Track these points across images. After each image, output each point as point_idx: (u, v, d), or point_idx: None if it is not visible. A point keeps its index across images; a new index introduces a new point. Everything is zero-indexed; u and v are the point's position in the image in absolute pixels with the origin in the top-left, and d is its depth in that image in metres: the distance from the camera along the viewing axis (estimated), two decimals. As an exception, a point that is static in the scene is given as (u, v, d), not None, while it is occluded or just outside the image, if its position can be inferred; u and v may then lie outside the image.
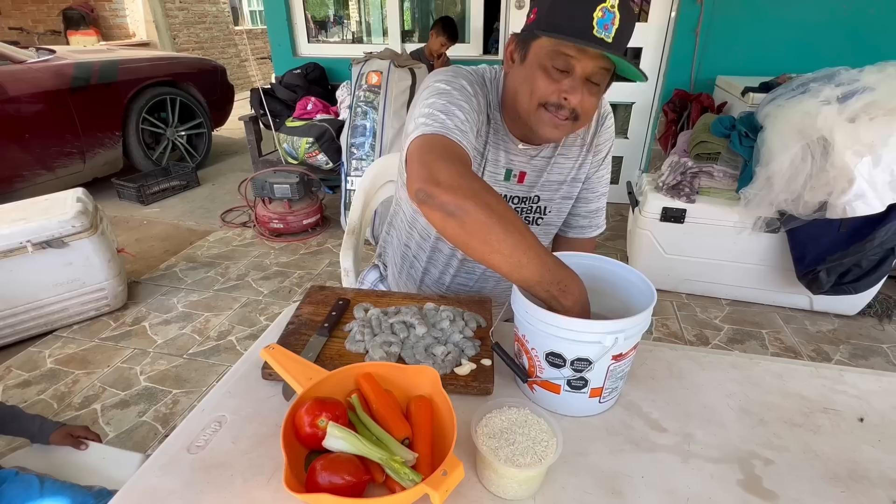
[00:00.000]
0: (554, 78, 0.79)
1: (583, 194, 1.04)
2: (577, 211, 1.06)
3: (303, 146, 3.16)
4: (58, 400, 1.76)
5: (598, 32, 0.73)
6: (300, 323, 0.89)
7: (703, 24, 2.82)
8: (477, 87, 0.89)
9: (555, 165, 0.99)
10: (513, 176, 0.98)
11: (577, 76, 0.78)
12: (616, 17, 0.73)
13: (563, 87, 0.79)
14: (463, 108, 0.82)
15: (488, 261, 0.69)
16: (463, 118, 0.80)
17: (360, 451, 0.55)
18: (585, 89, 0.80)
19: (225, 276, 2.59)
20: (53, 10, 6.42)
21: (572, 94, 0.79)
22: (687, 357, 0.86)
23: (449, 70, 0.90)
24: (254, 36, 8.51)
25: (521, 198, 1.00)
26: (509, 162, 0.96)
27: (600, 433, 0.70)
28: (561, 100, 0.80)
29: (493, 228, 0.66)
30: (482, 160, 0.94)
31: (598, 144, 1.00)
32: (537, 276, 0.68)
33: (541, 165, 0.98)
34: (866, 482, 0.64)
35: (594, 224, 1.08)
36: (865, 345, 2.06)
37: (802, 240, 2.03)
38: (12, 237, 1.91)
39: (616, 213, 3.32)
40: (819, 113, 1.83)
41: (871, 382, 0.81)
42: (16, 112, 2.98)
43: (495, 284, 1.09)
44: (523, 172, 0.98)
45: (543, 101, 0.81)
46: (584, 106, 0.81)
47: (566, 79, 0.79)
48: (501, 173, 0.97)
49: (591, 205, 1.06)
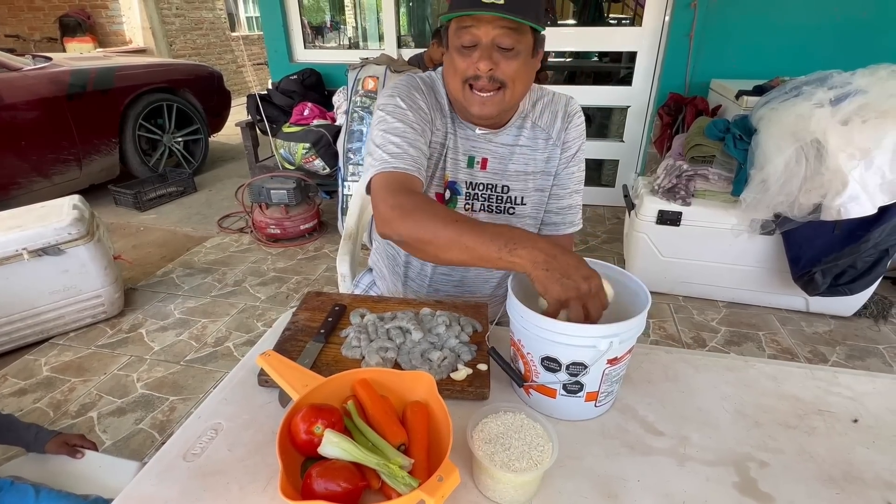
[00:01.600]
0: (466, 54, 0.85)
1: (553, 190, 1.05)
2: (549, 207, 1.07)
3: (299, 151, 3.17)
4: (54, 408, 1.75)
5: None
6: (296, 329, 0.89)
7: (696, 28, 2.84)
8: (423, 90, 0.95)
9: (518, 155, 1.00)
10: (475, 163, 1.00)
11: (484, 45, 0.82)
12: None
13: (474, 58, 0.83)
14: (402, 131, 0.89)
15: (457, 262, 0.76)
16: (400, 141, 0.88)
17: (356, 457, 0.55)
18: (497, 55, 0.83)
19: (222, 282, 2.58)
20: (50, 18, 6.43)
21: (483, 61, 0.82)
22: (682, 360, 0.87)
23: (391, 89, 0.96)
24: (250, 42, 8.53)
25: (487, 185, 1.02)
26: (470, 149, 0.99)
27: (596, 437, 0.71)
28: (476, 71, 0.84)
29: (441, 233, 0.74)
30: (443, 150, 0.98)
31: (566, 141, 1.01)
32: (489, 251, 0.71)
33: (502, 153, 1.00)
34: (861, 483, 0.64)
35: (567, 221, 1.07)
36: (861, 346, 2.07)
37: (797, 242, 2.04)
38: (8, 244, 1.90)
39: (612, 215, 3.34)
40: (812, 116, 1.84)
41: (866, 384, 0.82)
42: (12, 119, 2.98)
43: (477, 274, 1.11)
44: (485, 159, 1.00)
45: (464, 78, 0.86)
46: (503, 71, 0.84)
47: (475, 51, 0.83)
48: (464, 160, 1.00)
49: (563, 201, 1.06)
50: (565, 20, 5.07)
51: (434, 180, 1.00)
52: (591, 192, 3.51)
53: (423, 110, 0.93)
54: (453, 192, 1.02)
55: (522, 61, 0.85)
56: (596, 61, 4.50)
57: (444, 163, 0.99)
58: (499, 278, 1.13)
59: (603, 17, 4.66)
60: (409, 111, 0.91)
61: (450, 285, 1.12)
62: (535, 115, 1.00)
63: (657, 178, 2.32)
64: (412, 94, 0.94)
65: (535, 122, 1.00)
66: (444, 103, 0.98)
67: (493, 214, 1.04)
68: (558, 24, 4.34)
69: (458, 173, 1.00)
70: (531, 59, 0.88)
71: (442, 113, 0.97)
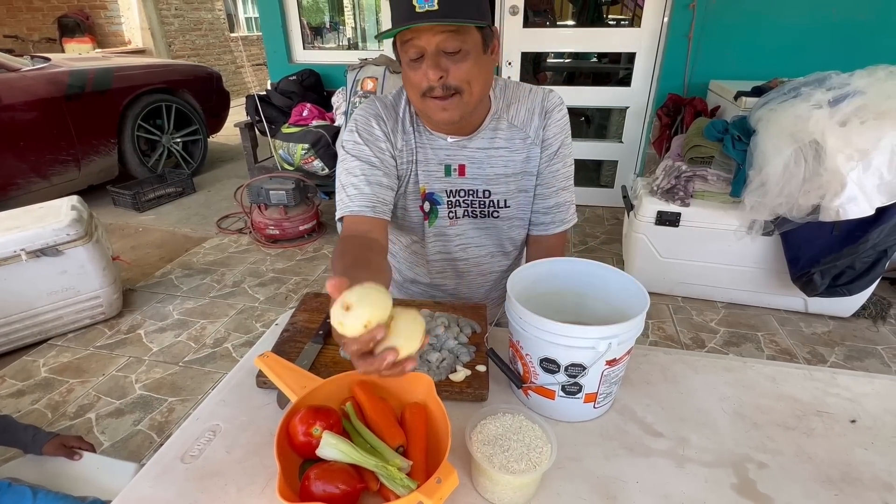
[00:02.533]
0: (415, 67, 0.83)
1: (538, 190, 1.03)
2: (535, 208, 1.05)
3: (298, 152, 3.16)
4: (52, 409, 1.74)
5: (420, 8, 0.76)
6: (295, 330, 0.89)
7: (695, 29, 2.84)
8: (382, 117, 0.96)
9: (496, 158, 0.99)
10: (453, 170, 0.99)
11: (429, 54, 0.81)
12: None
13: (424, 69, 0.82)
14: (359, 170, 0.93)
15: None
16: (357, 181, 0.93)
17: (354, 459, 0.55)
18: (446, 61, 0.82)
19: (221, 282, 2.58)
20: (49, 18, 6.42)
21: (431, 70, 0.81)
22: (681, 361, 0.87)
23: (351, 122, 0.98)
24: (249, 42, 8.53)
25: (468, 191, 1.01)
26: (444, 158, 0.98)
27: (595, 438, 0.71)
28: (428, 81, 0.83)
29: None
30: (413, 165, 0.98)
31: (546, 139, 0.99)
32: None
33: (479, 157, 0.98)
34: (859, 484, 0.64)
35: (557, 220, 1.04)
36: (860, 346, 2.07)
37: (796, 242, 2.05)
38: (6, 245, 1.90)
39: (611, 216, 3.34)
40: (811, 117, 1.85)
41: (864, 385, 0.82)
42: (10, 120, 2.97)
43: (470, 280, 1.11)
44: (462, 165, 0.99)
45: (420, 91, 0.85)
46: (454, 76, 0.83)
47: (423, 62, 0.82)
48: (440, 170, 0.99)
49: (549, 201, 1.03)
50: (564, 21, 5.08)
51: (409, 196, 1.01)
52: (590, 193, 3.51)
53: (381, 139, 0.95)
54: (433, 203, 1.01)
55: (473, 61, 0.83)
56: (595, 62, 4.50)
57: (416, 176, 0.99)
58: (493, 280, 1.13)
59: (602, 18, 4.66)
60: (365, 146, 0.94)
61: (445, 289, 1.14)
62: (510, 114, 0.97)
63: (656, 178, 2.32)
64: (369, 125, 0.95)
65: (511, 122, 0.97)
66: (406, 120, 0.97)
67: (477, 219, 1.03)
68: (557, 24, 4.34)
69: (435, 183, 0.99)
70: (483, 55, 0.85)
71: (404, 131, 0.97)
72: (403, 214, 1.03)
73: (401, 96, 0.99)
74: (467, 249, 1.06)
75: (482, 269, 1.10)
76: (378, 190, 0.93)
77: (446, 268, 1.09)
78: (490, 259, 1.09)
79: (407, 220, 1.04)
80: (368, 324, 0.49)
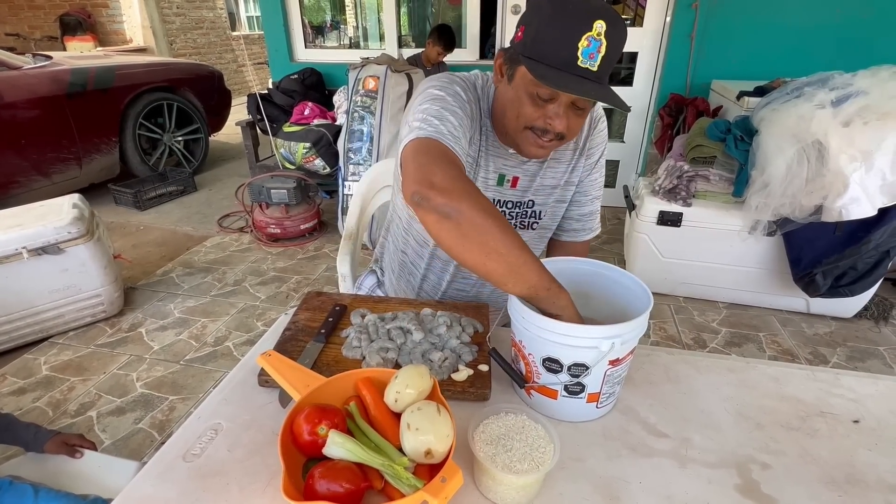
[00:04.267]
0: (539, 105, 0.80)
1: (575, 198, 1.04)
2: (569, 214, 1.06)
3: (300, 151, 3.16)
4: (53, 407, 1.74)
5: (582, 63, 0.72)
6: (297, 329, 0.89)
7: (698, 28, 2.84)
8: (471, 95, 0.89)
9: (547, 170, 0.99)
10: (506, 181, 0.98)
11: (563, 102, 0.78)
12: (602, 45, 0.71)
13: (548, 112, 0.79)
14: (456, 114, 0.82)
15: (483, 264, 0.68)
16: (456, 124, 0.81)
17: (360, 458, 0.55)
18: (571, 113, 0.80)
19: (222, 281, 2.58)
20: (50, 16, 6.42)
21: (557, 119, 0.79)
22: (683, 361, 0.86)
23: (444, 76, 0.90)
24: (251, 41, 8.53)
25: (515, 202, 1.00)
26: (501, 167, 0.96)
27: (598, 438, 0.70)
28: (546, 125, 0.81)
29: (490, 230, 0.66)
30: (475, 166, 0.95)
31: (590, 148, 0.99)
32: (535, 278, 0.68)
33: (533, 170, 0.98)
34: (863, 486, 0.64)
35: (587, 227, 1.07)
36: (862, 347, 2.07)
37: (798, 243, 2.04)
38: (8, 243, 1.90)
39: (613, 216, 3.33)
40: (813, 117, 1.84)
41: (868, 386, 0.81)
42: (12, 118, 2.98)
43: (492, 290, 1.09)
44: (516, 177, 0.98)
45: (529, 125, 0.82)
46: (571, 129, 0.82)
47: (551, 104, 0.79)
48: (494, 178, 0.97)
49: (584, 208, 1.05)
50: (566, 21, 5.06)
51: None
52: (592, 193, 3.50)
53: (470, 116, 0.88)
54: None
55: (586, 117, 0.84)
56: (596, 62, 4.49)
57: (475, 179, 0.95)
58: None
59: (604, 17, 4.65)
60: (468, 104, 0.86)
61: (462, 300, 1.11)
62: None
63: (658, 178, 2.31)
64: (468, 94, 0.88)
65: None
66: (485, 118, 0.92)
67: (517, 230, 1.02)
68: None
69: (487, 190, 0.97)
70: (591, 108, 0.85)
71: (481, 125, 0.92)
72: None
73: (486, 90, 0.93)
74: None
75: None
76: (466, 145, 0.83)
77: (472, 275, 1.06)
78: None
79: None
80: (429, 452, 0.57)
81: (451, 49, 3.25)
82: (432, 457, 0.56)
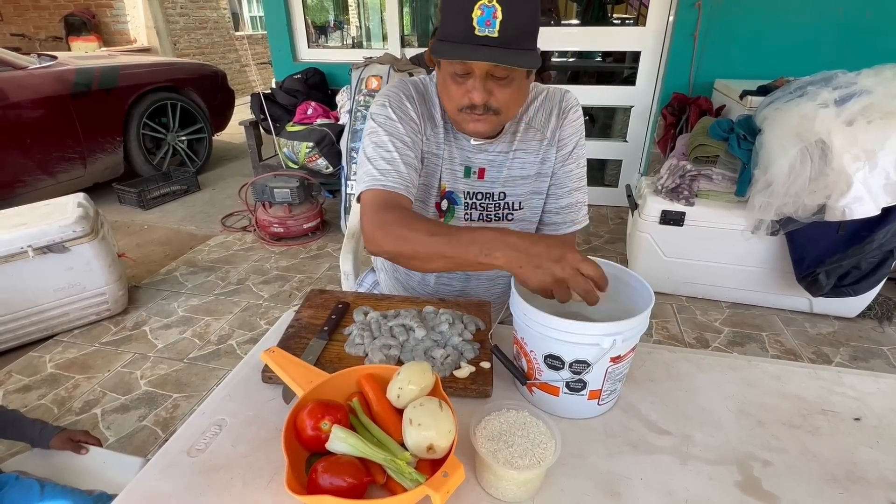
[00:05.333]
0: (459, 82, 0.83)
1: (552, 191, 1.02)
2: (548, 208, 1.04)
3: (303, 150, 3.17)
4: (58, 405, 1.76)
5: (480, 31, 0.74)
6: (300, 326, 0.89)
7: (701, 27, 2.83)
8: (414, 99, 0.94)
9: (514, 161, 0.98)
10: (472, 173, 0.99)
11: (478, 76, 0.80)
12: (497, 10, 0.73)
13: (468, 88, 0.82)
14: (393, 146, 0.89)
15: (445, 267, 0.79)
16: (390, 157, 0.88)
17: (363, 453, 0.56)
18: (491, 84, 0.81)
19: (225, 280, 2.59)
20: (55, 17, 6.45)
21: (475, 92, 0.81)
22: (685, 359, 0.87)
23: (381, 97, 0.94)
24: (254, 41, 8.55)
25: (486, 194, 1.00)
26: (466, 159, 0.98)
27: (599, 435, 0.71)
28: (470, 100, 0.83)
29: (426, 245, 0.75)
30: (440, 161, 0.97)
31: (561, 139, 0.98)
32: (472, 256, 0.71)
33: (500, 161, 0.98)
34: (864, 483, 0.64)
35: (568, 220, 1.04)
36: (866, 347, 2.06)
37: (801, 242, 2.04)
38: (13, 242, 1.91)
39: (615, 215, 3.33)
40: (817, 116, 1.84)
41: (870, 384, 0.82)
42: (17, 118, 2.99)
43: (477, 284, 1.10)
44: (482, 168, 0.99)
45: (458, 106, 0.85)
46: (498, 100, 0.83)
47: (469, 79, 0.82)
48: (461, 171, 0.99)
49: (562, 201, 1.02)
50: (569, 20, 5.06)
51: (432, 190, 0.99)
52: (594, 192, 3.50)
53: (415, 121, 0.92)
54: (451, 202, 1.01)
55: (517, 86, 0.84)
56: (599, 61, 4.49)
57: (441, 173, 0.98)
58: (502, 286, 1.12)
59: (606, 16, 4.65)
60: (399, 123, 0.90)
61: (452, 294, 1.12)
62: (528, 116, 0.98)
63: (660, 178, 2.31)
64: (403, 105, 0.92)
65: (529, 124, 0.98)
66: (436, 113, 0.96)
67: (490, 223, 1.02)
68: (562, 24, 4.34)
69: (456, 183, 0.99)
70: (526, 79, 0.86)
71: (434, 123, 0.96)
72: (422, 208, 1.01)
73: (429, 86, 0.98)
74: None
75: (490, 274, 1.08)
76: (408, 173, 0.89)
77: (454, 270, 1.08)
78: None
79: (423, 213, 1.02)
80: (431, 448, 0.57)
81: None
82: (434, 452, 0.56)
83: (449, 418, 0.58)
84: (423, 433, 0.56)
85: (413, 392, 0.62)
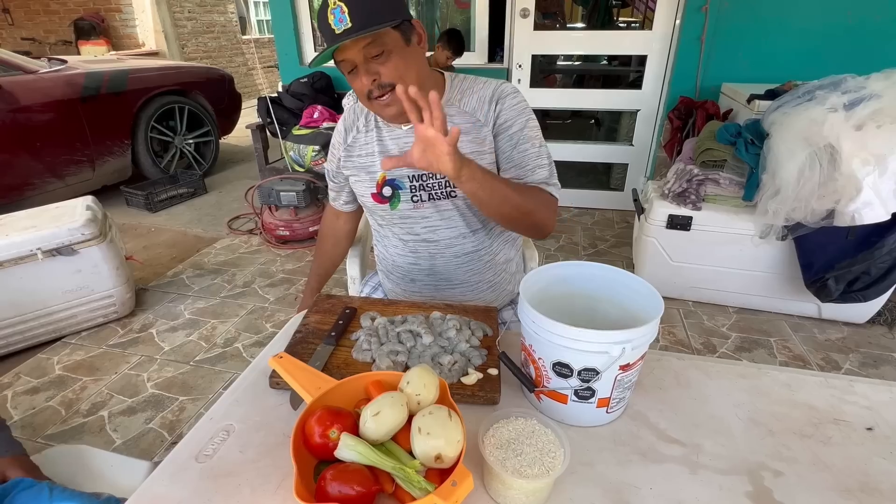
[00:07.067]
0: (353, 78, 0.94)
1: (516, 173, 1.03)
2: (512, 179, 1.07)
3: (309, 154, 3.19)
4: (66, 406, 1.77)
5: (339, 29, 0.86)
6: (307, 332, 0.89)
7: (707, 31, 2.82)
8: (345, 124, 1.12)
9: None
10: None
11: (360, 66, 0.91)
12: (342, 7, 0.85)
13: (360, 77, 0.92)
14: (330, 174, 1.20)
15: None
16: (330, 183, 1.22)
17: (372, 461, 0.56)
18: (374, 65, 0.91)
19: (231, 283, 2.60)
20: (65, 21, 6.53)
21: (364, 76, 0.91)
22: (694, 366, 0.86)
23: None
24: (261, 45, 8.61)
25: (429, 174, 1.04)
26: (404, 145, 1.05)
27: (608, 444, 0.70)
28: (368, 88, 0.93)
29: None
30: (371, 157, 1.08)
31: (504, 121, 1.02)
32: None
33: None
34: (878, 495, 0.63)
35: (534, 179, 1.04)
36: (875, 353, 2.04)
37: (810, 247, 2.02)
38: (23, 245, 1.93)
39: (621, 220, 3.32)
40: (825, 120, 1.82)
41: (882, 393, 0.81)
42: (27, 121, 3.02)
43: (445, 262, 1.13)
44: None
45: (364, 96, 0.95)
46: (386, 75, 0.91)
47: (355, 70, 0.92)
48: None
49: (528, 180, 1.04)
50: (574, 24, 5.07)
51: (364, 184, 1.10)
52: (600, 196, 3.50)
53: (336, 148, 1.14)
54: (395, 189, 1.06)
55: (398, 56, 0.91)
56: (605, 65, 4.49)
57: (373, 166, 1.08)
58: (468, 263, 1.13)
59: (612, 20, 4.65)
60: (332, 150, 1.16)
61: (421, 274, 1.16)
62: (462, 103, 1.04)
63: (667, 182, 2.30)
64: (337, 136, 1.14)
65: (462, 109, 1.04)
66: (361, 119, 1.10)
67: (438, 201, 1.06)
68: (567, 27, 4.34)
69: (398, 170, 1.04)
70: (407, 48, 0.92)
71: (358, 128, 1.10)
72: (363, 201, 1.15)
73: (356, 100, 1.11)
74: (437, 231, 1.10)
75: (455, 251, 1.12)
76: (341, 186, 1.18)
77: (418, 248, 1.14)
78: (462, 240, 1.11)
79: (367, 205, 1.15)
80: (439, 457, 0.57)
81: (460, 54, 3.26)
82: (442, 461, 0.56)
83: (458, 427, 0.58)
84: (432, 442, 0.56)
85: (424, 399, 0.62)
